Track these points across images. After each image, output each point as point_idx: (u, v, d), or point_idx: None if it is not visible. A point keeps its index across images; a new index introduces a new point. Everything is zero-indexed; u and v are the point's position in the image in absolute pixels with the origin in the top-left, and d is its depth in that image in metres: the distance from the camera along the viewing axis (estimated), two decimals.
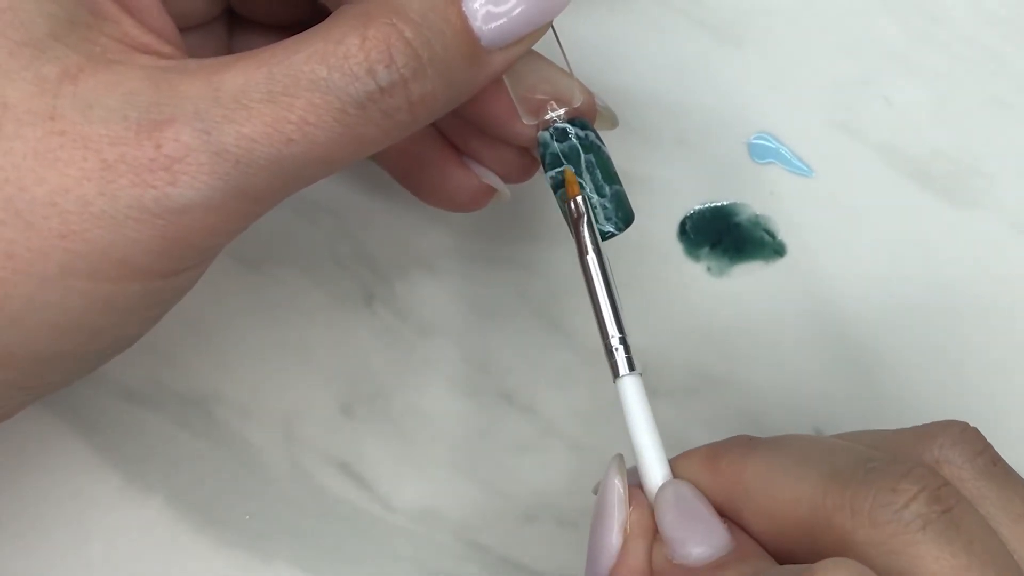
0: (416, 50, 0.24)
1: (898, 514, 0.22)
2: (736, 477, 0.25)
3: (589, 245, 0.27)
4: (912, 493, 0.22)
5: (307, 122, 0.23)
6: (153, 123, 0.23)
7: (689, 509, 0.25)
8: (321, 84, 0.23)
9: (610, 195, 0.28)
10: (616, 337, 0.26)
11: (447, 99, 0.25)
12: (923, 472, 0.22)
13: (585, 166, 0.28)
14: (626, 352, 0.26)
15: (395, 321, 0.35)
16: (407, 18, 0.24)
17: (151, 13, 0.25)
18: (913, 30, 0.36)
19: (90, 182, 0.23)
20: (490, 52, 0.25)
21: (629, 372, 0.26)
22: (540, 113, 0.28)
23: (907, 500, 0.22)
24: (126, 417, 0.34)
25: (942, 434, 0.24)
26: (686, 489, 0.25)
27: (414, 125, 0.25)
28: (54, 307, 0.23)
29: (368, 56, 0.23)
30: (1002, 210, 0.36)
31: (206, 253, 0.25)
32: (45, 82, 0.23)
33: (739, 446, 0.25)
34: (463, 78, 0.25)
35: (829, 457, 0.24)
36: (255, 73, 0.24)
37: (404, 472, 0.34)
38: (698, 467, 0.26)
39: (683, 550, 0.24)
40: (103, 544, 0.33)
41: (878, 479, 0.22)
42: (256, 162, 0.24)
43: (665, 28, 0.36)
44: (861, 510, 0.22)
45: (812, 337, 0.35)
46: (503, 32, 0.25)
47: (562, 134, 0.28)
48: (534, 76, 0.28)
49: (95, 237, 0.23)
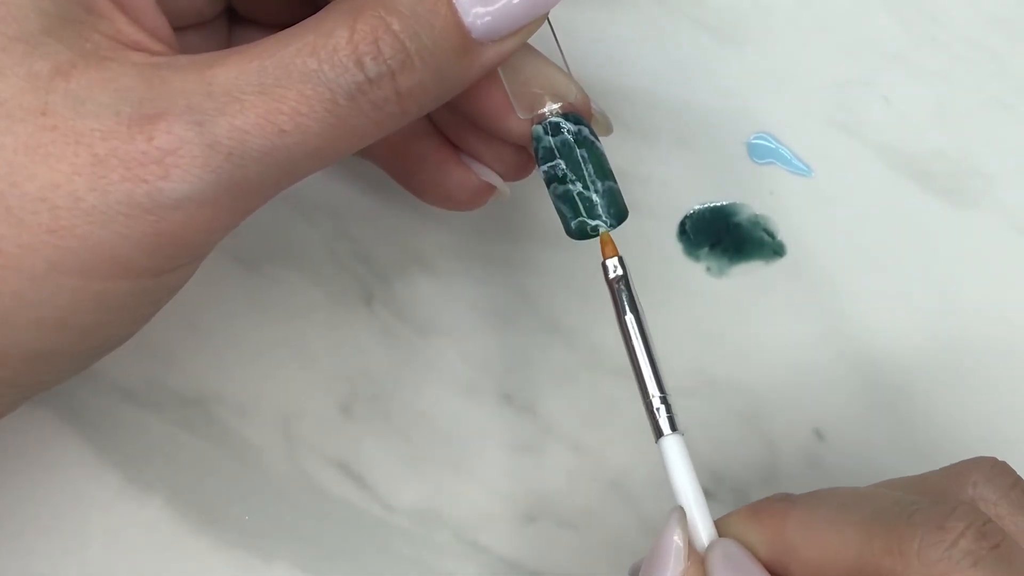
0: (404, 43, 0.24)
1: (948, 552, 0.22)
2: (779, 533, 0.25)
3: (627, 306, 0.27)
4: (960, 530, 0.22)
5: (299, 113, 0.24)
6: (145, 117, 0.23)
7: (740, 565, 0.25)
8: (312, 76, 0.23)
9: (603, 191, 0.28)
10: (657, 397, 0.26)
11: (437, 92, 0.25)
12: (967, 510, 0.23)
13: (579, 161, 0.28)
14: (667, 411, 0.26)
15: (394, 321, 0.35)
16: (395, 11, 0.24)
17: (145, 11, 0.25)
18: (913, 30, 0.36)
19: (81, 177, 0.23)
20: (483, 45, 0.25)
21: (672, 432, 0.26)
22: (535, 107, 0.28)
23: (955, 538, 0.22)
24: (126, 417, 0.34)
25: (974, 471, 0.24)
26: (735, 547, 0.25)
27: (404, 117, 0.25)
28: (43, 304, 0.23)
29: (356, 48, 0.24)
30: (1001, 210, 0.36)
31: (198, 250, 0.25)
32: (37, 78, 0.23)
33: (778, 502, 0.26)
34: (453, 71, 0.25)
35: (870, 503, 0.24)
36: (247, 66, 0.24)
37: (403, 472, 0.34)
38: (741, 525, 0.26)
39: None
40: (102, 544, 0.33)
41: (924, 519, 0.23)
42: (249, 154, 0.23)
43: (665, 28, 0.36)
44: (909, 551, 0.22)
45: (811, 337, 0.35)
46: (495, 26, 0.25)
47: (555, 128, 0.28)
48: (530, 70, 0.28)
49: (85, 233, 0.23)
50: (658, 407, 0.26)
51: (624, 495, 0.34)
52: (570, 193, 0.28)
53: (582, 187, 0.28)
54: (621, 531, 0.34)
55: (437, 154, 0.30)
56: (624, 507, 0.34)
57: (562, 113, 0.28)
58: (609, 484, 0.34)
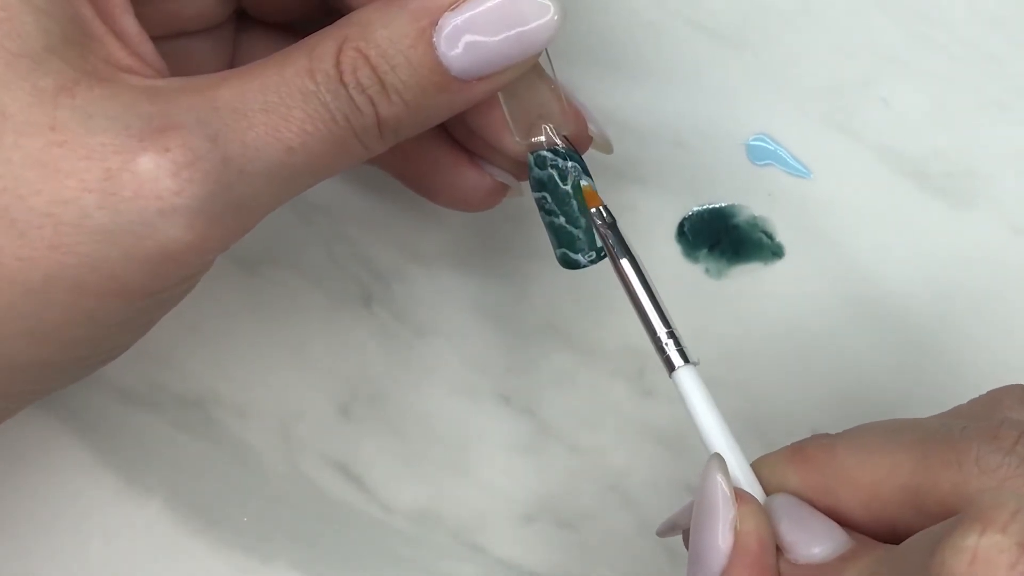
0: (380, 76, 0.25)
1: (1007, 458, 0.22)
2: (827, 461, 0.25)
3: (621, 250, 0.27)
4: (1014, 437, 0.23)
5: (306, 131, 0.24)
6: (157, 130, 0.23)
7: (799, 511, 0.25)
8: (313, 96, 0.24)
9: (585, 227, 0.28)
10: (664, 332, 0.26)
11: (415, 122, 0.26)
12: (1014, 421, 0.23)
13: (563, 197, 0.28)
14: (677, 345, 0.26)
15: (393, 322, 0.35)
16: (375, 44, 0.25)
17: (133, 39, 0.25)
18: (911, 32, 0.36)
19: (91, 194, 0.23)
20: (465, 82, 0.25)
21: (684, 364, 0.26)
22: (531, 134, 0.28)
23: (1012, 444, 0.23)
24: (124, 419, 0.34)
25: (1006, 397, 0.25)
26: (785, 496, 0.25)
27: (385, 143, 0.26)
28: (35, 317, 0.23)
29: (342, 76, 0.24)
30: (1000, 211, 0.36)
31: (195, 270, 0.25)
32: (43, 94, 0.23)
33: (822, 438, 0.26)
34: (432, 103, 0.26)
35: (918, 427, 0.24)
36: (248, 86, 0.24)
37: (402, 473, 0.34)
38: (781, 467, 0.26)
39: (806, 551, 0.24)
40: (101, 546, 0.33)
41: (975, 432, 0.23)
42: (258, 171, 0.24)
43: (663, 30, 0.36)
44: (968, 460, 0.23)
45: (810, 339, 0.35)
46: (476, 66, 0.25)
47: (544, 162, 0.28)
48: (527, 97, 0.28)
49: (88, 251, 0.23)
50: (666, 342, 0.26)
51: (623, 496, 0.34)
52: (555, 224, 0.28)
53: (565, 221, 0.28)
54: (620, 532, 0.34)
55: (450, 157, 0.31)
56: (623, 508, 0.34)
57: (552, 148, 0.28)
58: (608, 485, 0.34)
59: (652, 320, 0.27)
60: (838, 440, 0.25)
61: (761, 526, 0.24)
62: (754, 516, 0.25)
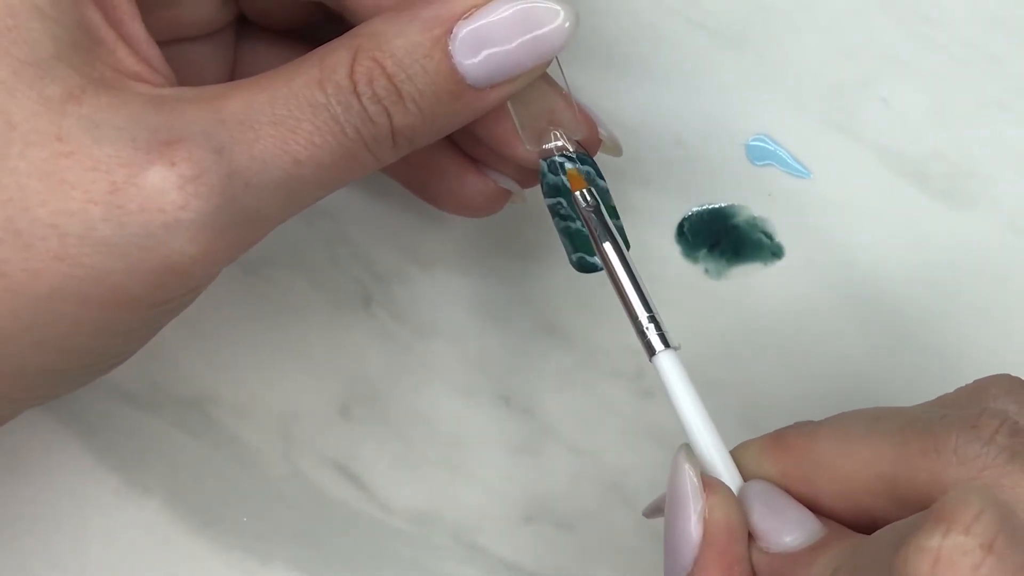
0: (396, 85, 0.25)
1: (986, 448, 0.22)
2: (807, 449, 0.25)
3: (604, 234, 0.27)
4: (994, 427, 0.23)
5: (314, 144, 0.24)
6: (163, 143, 0.23)
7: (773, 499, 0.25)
8: (322, 108, 0.24)
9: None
10: (645, 316, 0.26)
11: (430, 131, 0.26)
12: (995, 411, 0.23)
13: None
14: (657, 329, 0.26)
15: (393, 323, 0.35)
16: (391, 54, 0.25)
17: (141, 45, 0.25)
18: (911, 32, 0.36)
19: (96, 206, 0.23)
20: (479, 90, 0.26)
21: (664, 348, 0.26)
22: (542, 141, 0.28)
23: (991, 434, 0.22)
24: (123, 419, 0.34)
25: (993, 386, 0.25)
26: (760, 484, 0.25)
27: (398, 153, 0.26)
28: (42, 327, 0.23)
29: (356, 87, 0.24)
30: (1000, 211, 0.36)
31: (200, 282, 0.25)
32: (50, 102, 0.23)
33: (804, 425, 0.26)
34: (447, 113, 0.26)
35: (900, 415, 0.24)
36: (256, 97, 0.24)
37: (402, 474, 0.34)
38: (760, 454, 0.26)
39: (778, 539, 0.24)
40: (101, 546, 0.33)
41: (956, 421, 0.23)
42: (265, 184, 0.24)
43: (662, 30, 0.36)
44: (947, 449, 0.23)
45: (810, 339, 0.35)
46: (491, 73, 0.25)
47: (559, 168, 0.28)
48: (538, 104, 0.28)
49: (93, 263, 0.23)
50: (647, 326, 0.26)
51: (622, 496, 0.34)
52: (570, 229, 0.28)
53: (581, 225, 0.28)
54: (619, 532, 0.34)
55: (455, 164, 0.31)
56: (622, 508, 0.34)
57: (566, 153, 0.28)
58: (608, 485, 0.34)
59: (633, 304, 0.27)
60: (819, 427, 0.25)
61: (731, 515, 0.25)
62: (723, 505, 0.25)
